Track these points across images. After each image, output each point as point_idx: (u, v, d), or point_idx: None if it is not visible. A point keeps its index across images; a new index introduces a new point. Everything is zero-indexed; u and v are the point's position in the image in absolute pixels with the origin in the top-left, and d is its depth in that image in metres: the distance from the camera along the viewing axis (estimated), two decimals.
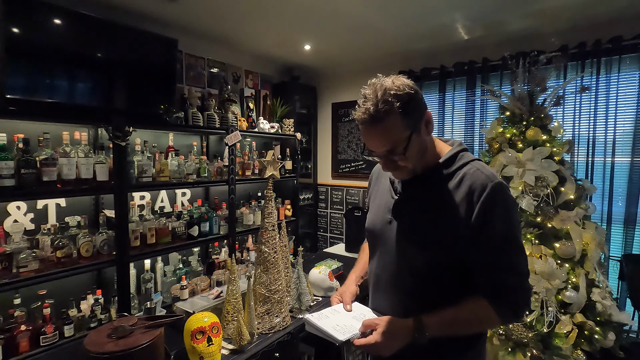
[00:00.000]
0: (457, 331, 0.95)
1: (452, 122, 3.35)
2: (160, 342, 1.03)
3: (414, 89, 0.91)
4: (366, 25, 2.77)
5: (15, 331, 1.71)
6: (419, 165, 0.98)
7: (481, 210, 0.89)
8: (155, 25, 2.65)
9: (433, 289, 0.97)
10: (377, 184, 1.21)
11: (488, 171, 0.94)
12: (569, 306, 2.03)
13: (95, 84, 2.23)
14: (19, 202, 2.02)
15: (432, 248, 0.94)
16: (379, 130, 0.89)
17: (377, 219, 1.10)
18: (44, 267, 1.83)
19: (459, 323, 0.94)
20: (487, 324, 0.97)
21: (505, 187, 0.92)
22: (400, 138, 0.90)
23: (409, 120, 0.89)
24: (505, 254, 0.90)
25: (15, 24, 1.87)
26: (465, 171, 0.95)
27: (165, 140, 2.67)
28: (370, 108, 0.88)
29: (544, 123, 2.30)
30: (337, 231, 4.25)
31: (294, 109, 3.78)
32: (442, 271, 0.96)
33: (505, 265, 0.90)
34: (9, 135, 1.81)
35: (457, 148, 1.01)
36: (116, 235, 2.09)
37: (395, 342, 0.93)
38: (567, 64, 2.70)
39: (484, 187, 0.90)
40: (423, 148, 0.96)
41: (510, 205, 0.93)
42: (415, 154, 0.93)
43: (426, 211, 0.97)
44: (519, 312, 0.94)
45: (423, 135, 0.94)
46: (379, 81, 0.91)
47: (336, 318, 1.09)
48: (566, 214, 2.11)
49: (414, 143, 0.91)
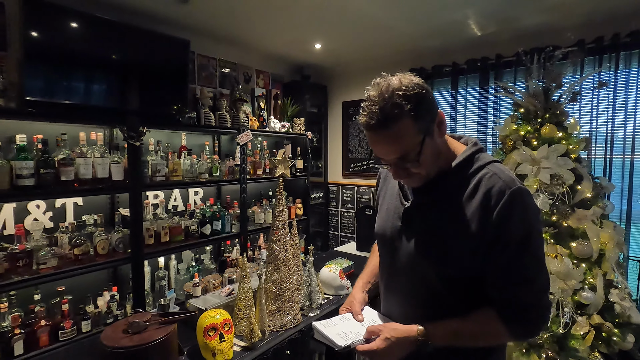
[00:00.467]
0: (463, 343, 0.90)
1: (465, 119, 3.30)
2: (173, 338, 1.05)
3: (424, 88, 0.83)
4: (377, 23, 2.76)
5: (36, 326, 1.77)
6: (433, 171, 0.90)
7: (497, 218, 0.82)
8: (168, 26, 2.69)
9: (447, 301, 0.92)
10: (385, 184, 1.13)
11: (506, 176, 0.85)
12: (586, 307, 1.98)
13: (111, 86, 2.28)
14: (39, 201, 2.08)
15: (446, 262, 0.88)
16: (389, 137, 0.81)
17: (387, 224, 1.04)
18: (62, 264, 1.89)
19: (465, 335, 0.89)
20: (496, 339, 0.90)
21: (525, 193, 0.84)
22: (412, 144, 0.82)
23: (421, 123, 0.81)
24: (522, 267, 0.83)
25: (34, 28, 1.92)
26: (481, 176, 0.87)
27: (178, 140, 2.72)
28: (377, 112, 0.79)
29: (560, 120, 2.24)
30: (348, 230, 4.24)
31: (304, 108, 3.79)
32: (457, 285, 0.90)
33: (521, 278, 0.83)
34: (28, 136, 1.86)
35: (472, 149, 0.92)
36: (131, 233, 2.14)
37: (398, 350, 0.90)
38: (584, 59, 2.63)
39: (501, 193, 0.82)
40: (437, 152, 0.88)
41: (531, 213, 0.84)
42: (429, 159, 0.86)
43: (439, 221, 0.90)
44: (534, 331, 0.88)
45: (436, 137, 0.86)
46: (384, 81, 0.82)
47: (344, 325, 1.06)
48: (583, 212, 2.06)
49: (427, 147, 0.83)
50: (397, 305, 1.03)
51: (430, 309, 0.94)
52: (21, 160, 1.74)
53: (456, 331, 0.89)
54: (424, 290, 0.94)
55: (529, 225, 0.83)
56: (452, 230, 0.87)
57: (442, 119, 0.87)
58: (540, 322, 0.86)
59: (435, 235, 0.91)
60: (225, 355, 1.24)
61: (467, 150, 0.93)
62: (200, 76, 3.06)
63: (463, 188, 0.88)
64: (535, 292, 0.84)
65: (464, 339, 0.89)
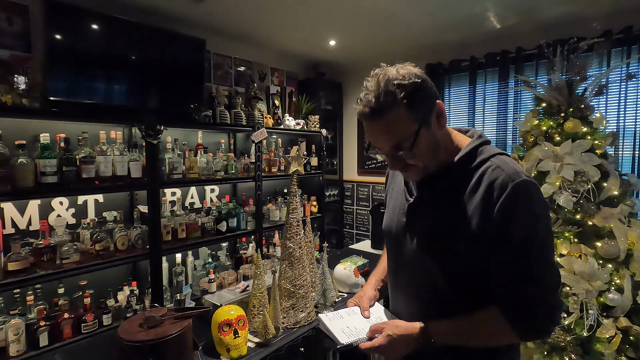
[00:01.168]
0: (466, 342, 0.88)
1: (483, 115, 3.22)
2: (188, 333, 1.07)
3: (421, 78, 0.82)
4: (392, 18, 2.71)
5: (60, 318, 1.83)
6: (431, 164, 0.88)
7: (499, 212, 0.79)
8: (184, 26, 2.72)
9: (451, 299, 0.90)
10: (393, 181, 1.12)
11: (510, 168, 0.82)
12: (612, 309, 1.90)
13: (129, 85, 2.34)
14: (62, 198, 2.15)
15: (449, 258, 0.87)
16: (382, 125, 0.82)
17: (393, 221, 1.03)
18: (84, 259, 1.95)
19: (468, 334, 0.87)
20: (501, 338, 0.86)
21: (531, 186, 0.80)
22: (406, 133, 0.82)
23: (416, 112, 0.81)
24: (526, 263, 0.79)
25: (56, 31, 1.98)
26: (484, 169, 0.84)
27: (194, 138, 2.75)
28: (372, 101, 0.80)
29: (585, 114, 2.15)
30: (363, 228, 4.22)
31: (319, 105, 3.78)
32: (461, 282, 0.88)
33: (526, 276, 0.80)
34: (51, 135, 1.92)
35: (476, 142, 0.90)
36: (149, 229, 2.18)
37: (400, 347, 0.90)
38: (611, 50, 2.51)
39: (503, 187, 0.79)
40: (434, 144, 0.86)
41: (537, 207, 0.81)
42: (425, 151, 0.84)
43: (442, 217, 0.89)
44: (541, 332, 0.83)
45: (434, 129, 0.85)
46: (382, 71, 0.83)
47: (350, 320, 1.07)
48: (609, 211, 1.97)
49: (422, 138, 0.83)
50: (403, 302, 1.03)
51: (434, 306, 0.92)
52: (45, 159, 1.80)
53: (459, 330, 0.87)
54: (428, 287, 0.93)
55: (534, 221, 0.80)
56: (454, 225, 0.86)
57: (442, 111, 0.86)
58: (548, 322, 0.82)
59: (437, 231, 0.89)
60: (240, 351, 1.25)
61: (471, 143, 0.90)
62: (216, 75, 3.09)
63: (466, 182, 0.86)
64: (542, 290, 0.81)
65: (468, 338, 0.87)
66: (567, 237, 2.04)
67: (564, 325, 1.92)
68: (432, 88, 0.85)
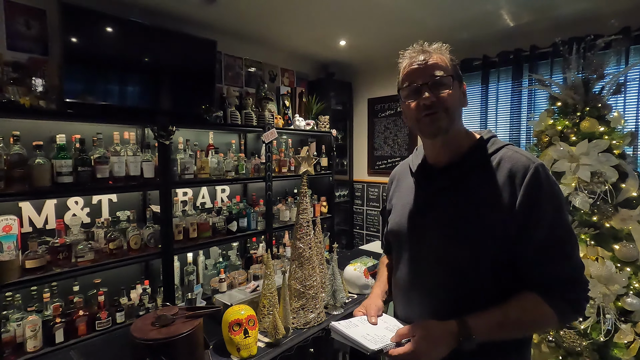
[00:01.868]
0: (508, 334, 0.83)
1: (496, 114, 3.16)
2: (199, 332, 1.07)
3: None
4: (403, 17, 2.69)
5: (75, 315, 1.87)
6: (450, 123, 0.89)
7: (526, 193, 0.82)
8: (195, 27, 2.75)
9: (476, 291, 0.86)
10: (398, 185, 1.11)
11: (526, 153, 0.89)
12: (631, 314, 1.85)
13: (142, 87, 2.37)
14: (77, 197, 2.20)
15: (474, 244, 0.85)
16: (430, 58, 0.90)
17: (403, 218, 1.00)
18: (98, 257, 1.98)
19: (510, 324, 0.82)
20: (543, 323, 0.85)
21: (547, 168, 0.86)
22: (448, 68, 0.91)
23: (455, 70, 0.92)
24: (558, 242, 0.82)
25: (72, 34, 2.03)
26: (502, 155, 0.89)
27: (205, 138, 2.78)
28: (425, 43, 0.94)
29: (602, 113, 2.09)
30: (373, 228, 4.20)
31: (329, 105, 3.78)
32: (486, 270, 0.85)
33: (559, 254, 0.82)
34: (67, 136, 1.97)
35: (488, 134, 0.96)
36: (161, 229, 2.21)
37: (438, 349, 0.80)
38: (630, 47, 2.44)
39: (526, 168, 0.84)
40: (458, 106, 0.92)
41: (557, 188, 0.86)
42: (454, 102, 0.90)
43: (463, 202, 0.88)
44: (580, 309, 0.84)
45: (461, 96, 0.93)
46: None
47: (366, 327, 0.98)
48: (627, 212, 1.91)
49: (455, 89, 0.90)
50: (420, 305, 0.95)
51: (463, 302, 0.87)
52: (61, 159, 1.84)
53: (501, 321, 0.81)
54: (455, 281, 0.88)
55: (558, 198, 0.84)
56: (477, 208, 0.86)
57: (465, 91, 0.96)
58: (584, 300, 0.83)
59: (459, 215, 0.88)
60: (250, 351, 1.25)
61: (484, 135, 0.96)
62: (227, 76, 3.11)
63: (484, 168, 0.89)
64: (575, 267, 0.83)
65: (510, 329, 0.83)
66: (584, 239, 1.99)
67: (580, 329, 1.88)
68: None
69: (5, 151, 1.73)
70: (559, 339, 1.93)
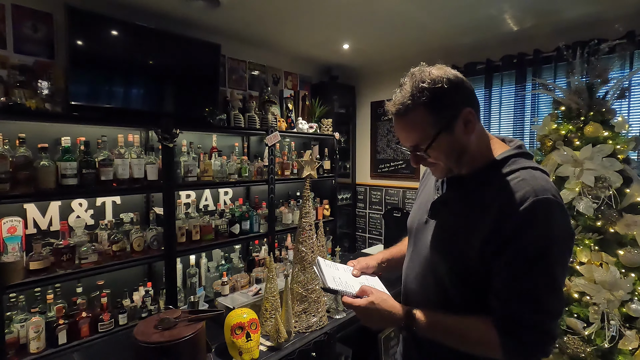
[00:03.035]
0: (449, 342, 0.86)
1: (500, 119, 3.16)
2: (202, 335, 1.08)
3: (453, 82, 0.82)
4: (407, 21, 2.70)
5: (78, 317, 1.88)
6: (457, 167, 0.88)
7: (513, 224, 0.77)
8: (199, 31, 2.77)
9: (453, 300, 0.88)
10: (426, 180, 1.13)
11: (537, 184, 0.79)
12: (636, 320, 1.83)
13: (146, 90, 2.39)
14: (81, 199, 2.21)
15: (454, 257, 0.87)
16: (403, 124, 0.86)
17: (416, 217, 1.05)
18: (102, 259, 1.99)
19: (453, 334, 0.85)
20: (485, 349, 0.82)
21: (555, 205, 0.77)
22: (424, 135, 0.83)
23: (438, 117, 0.82)
24: (530, 283, 0.76)
25: (78, 37, 2.05)
26: (510, 179, 0.82)
27: (209, 141, 2.79)
28: (399, 99, 0.84)
29: (606, 118, 2.09)
30: (375, 232, 4.19)
31: (332, 108, 3.78)
32: (465, 285, 0.86)
33: (525, 295, 0.76)
34: (72, 138, 1.98)
35: (512, 151, 0.89)
36: (164, 231, 2.22)
37: (377, 319, 0.91)
38: (634, 52, 2.43)
39: (523, 200, 0.77)
40: (458, 149, 0.86)
41: (556, 229, 0.76)
42: (444, 154, 0.85)
43: (458, 217, 0.88)
44: (527, 355, 0.78)
45: (459, 134, 0.84)
46: (418, 71, 0.85)
47: (343, 274, 1.08)
48: (632, 218, 1.90)
49: (441, 142, 0.83)
50: (412, 296, 1.02)
51: (437, 304, 0.91)
52: (66, 161, 1.85)
53: (445, 326, 0.86)
54: (433, 283, 0.93)
55: (549, 242, 0.76)
56: (465, 228, 0.85)
57: (470, 117, 0.84)
58: (535, 349, 0.78)
59: (449, 230, 0.90)
60: (252, 355, 1.25)
61: (506, 152, 0.89)
62: (231, 79, 3.13)
63: (489, 188, 0.85)
64: (540, 314, 0.76)
65: (452, 338, 0.85)
66: (587, 244, 1.98)
67: (584, 335, 1.86)
68: (464, 93, 0.85)
69: (11, 153, 1.75)
70: (563, 345, 1.91)
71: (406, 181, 3.83)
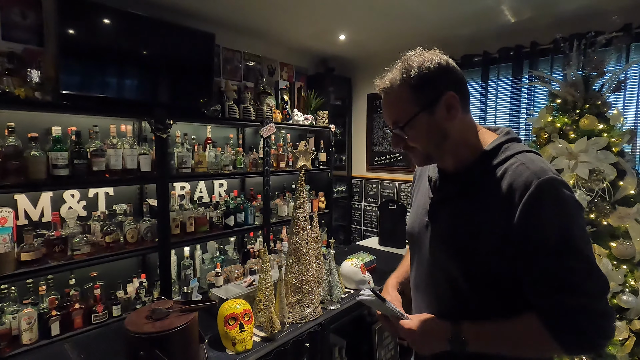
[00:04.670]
0: (501, 348, 0.79)
1: (496, 111, 3.15)
2: (194, 326, 1.07)
3: (441, 66, 0.82)
4: (404, 12, 2.67)
5: (71, 309, 1.87)
6: (435, 152, 0.86)
7: (523, 213, 0.73)
8: (194, 20, 2.72)
9: (472, 302, 0.84)
10: (419, 181, 1.09)
11: (536, 166, 0.76)
12: (626, 311, 1.85)
13: (139, 79, 2.35)
14: (73, 190, 2.18)
15: (468, 259, 0.82)
16: (388, 101, 0.87)
17: (416, 221, 1.00)
18: (94, 250, 1.98)
19: (503, 340, 0.78)
20: (542, 350, 0.78)
21: (559, 184, 0.74)
22: (405, 112, 0.83)
23: (420, 95, 0.81)
24: (564, 270, 0.72)
25: (68, 25, 2.00)
26: (507, 166, 0.79)
27: (203, 132, 2.77)
28: (387, 77, 0.85)
29: (601, 111, 2.09)
30: (371, 224, 4.20)
31: (328, 100, 3.76)
32: (483, 285, 0.82)
33: (565, 284, 0.71)
34: (63, 128, 1.95)
35: (502, 138, 0.85)
36: (158, 223, 2.20)
37: (428, 338, 0.84)
38: (631, 44, 2.43)
39: (527, 185, 0.74)
40: (437, 133, 0.83)
41: (567, 206, 0.73)
42: (423, 136, 0.84)
43: (461, 215, 0.84)
44: (589, 345, 0.73)
45: (440, 118, 0.82)
46: (412, 53, 0.86)
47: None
48: (625, 210, 1.91)
49: (420, 122, 0.82)
50: (424, 304, 0.97)
51: (456, 309, 0.87)
52: (57, 152, 1.82)
53: (493, 333, 0.79)
54: (448, 289, 0.88)
55: (566, 221, 0.72)
56: (474, 226, 0.81)
57: (452, 102, 0.82)
58: (595, 334, 0.72)
59: (456, 227, 0.85)
60: (245, 345, 1.25)
61: (497, 139, 0.86)
62: (225, 69, 3.09)
63: (488, 180, 0.81)
64: (585, 298, 0.71)
65: (503, 345, 0.79)
66: None
67: None
68: (450, 78, 0.83)
69: (0, 143, 1.71)
70: None
71: (402, 174, 3.83)
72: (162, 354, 0.94)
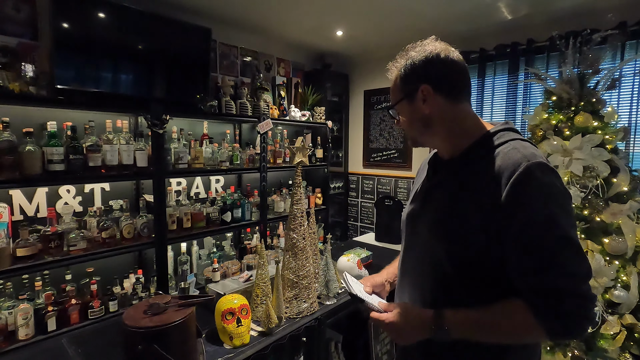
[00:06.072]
0: (484, 336, 0.79)
1: (492, 108, 3.17)
2: (191, 320, 1.07)
3: (427, 60, 0.88)
4: (401, 8, 2.67)
5: (67, 304, 1.86)
6: (419, 136, 0.95)
7: (510, 193, 0.74)
8: (190, 15, 2.70)
9: (458, 287, 0.84)
10: (419, 174, 1.12)
11: (528, 151, 0.77)
12: (618, 306, 1.89)
13: (135, 74, 2.33)
14: (69, 186, 2.17)
15: (455, 241, 0.82)
16: (392, 72, 0.96)
17: (409, 206, 1.03)
18: (91, 246, 1.97)
19: (486, 326, 0.78)
20: (526, 334, 0.77)
21: (547, 169, 0.75)
22: (395, 97, 0.95)
23: (404, 85, 0.91)
24: (547, 251, 0.72)
25: (63, 18, 1.98)
26: (500, 150, 0.81)
27: (200, 128, 2.75)
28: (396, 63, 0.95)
29: (596, 108, 2.11)
30: (367, 220, 4.21)
31: (325, 96, 3.75)
32: (468, 268, 0.82)
33: (550, 262, 0.71)
34: (58, 123, 1.93)
35: (499, 127, 0.88)
36: (155, 218, 2.20)
37: (410, 329, 0.85)
38: (625, 42, 2.45)
39: (515, 166, 0.75)
40: (419, 119, 0.91)
41: (554, 190, 0.74)
42: (407, 120, 0.94)
43: (451, 199, 0.86)
44: (574, 328, 0.72)
45: (419, 106, 0.89)
46: (421, 42, 0.93)
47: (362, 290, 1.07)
48: (618, 207, 1.94)
49: (404, 108, 0.93)
50: (408, 290, 0.98)
51: (440, 294, 0.88)
52: (52, 147, 1.81)
53: (478, 321, 0.79)
54: (434, 272, 0.89)
55: (552, 204, 0.73)
56: (462, 206, 0.82)
57: (428, 94, 0.88)
58: (580, 318, 0.72)
59: (446, 214, 0.86)
60: (242, 340, 1.26)
61: (494, 127, 0.89)
62: (222, 65, 3.07)
63: (479, 165, 0.83)
64: (570, 279, 0.71)
65: (487, 331, 0.79)
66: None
67: None
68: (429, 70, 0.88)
69: None
70: None
71: (398, 170, 3.84)
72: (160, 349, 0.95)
